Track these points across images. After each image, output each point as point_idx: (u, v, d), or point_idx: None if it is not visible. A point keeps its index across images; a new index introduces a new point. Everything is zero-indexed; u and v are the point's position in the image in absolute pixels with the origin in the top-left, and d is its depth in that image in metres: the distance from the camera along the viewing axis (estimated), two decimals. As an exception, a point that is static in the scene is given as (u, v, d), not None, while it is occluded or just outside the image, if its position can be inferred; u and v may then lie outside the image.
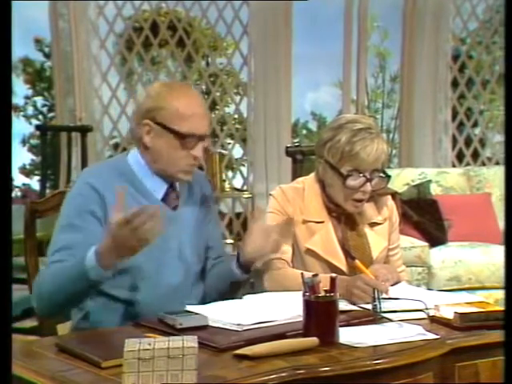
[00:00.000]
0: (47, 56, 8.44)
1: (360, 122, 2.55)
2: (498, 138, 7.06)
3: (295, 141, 7.61)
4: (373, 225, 2.66)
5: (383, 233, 2.67)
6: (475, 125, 7.09)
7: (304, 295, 1.96)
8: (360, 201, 2.56)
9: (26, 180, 8.44)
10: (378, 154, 2.52)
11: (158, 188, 2.37)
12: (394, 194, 2.80)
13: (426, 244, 4.92)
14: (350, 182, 2.52)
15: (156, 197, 2.36)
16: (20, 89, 8.46)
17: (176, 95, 2.32)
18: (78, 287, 2.12)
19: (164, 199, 2.38)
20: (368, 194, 2.56)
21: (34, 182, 8.14)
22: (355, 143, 2.51)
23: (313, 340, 1.89)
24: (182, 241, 2.38)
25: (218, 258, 2.53)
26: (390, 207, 2.72)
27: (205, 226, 2.50)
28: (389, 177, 2.57)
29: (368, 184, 2.53)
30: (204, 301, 2.37)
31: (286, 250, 2.57)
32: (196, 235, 2.44)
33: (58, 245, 2.25)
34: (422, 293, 2.44)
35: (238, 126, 7.03)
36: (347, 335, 1.95)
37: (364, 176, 2.52)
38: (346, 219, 2.62)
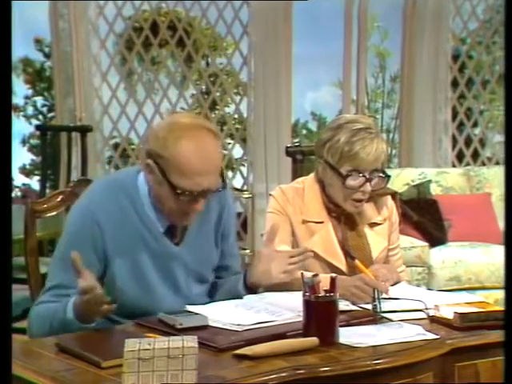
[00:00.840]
0: (47, 56, 8.43)
1: (359, 122, 2.55)
2: (498, 138, 7.05)
3: (295, 141, 7.60)
4: (373, 225, 2.66)
5: (383, 233, 2.67)
6: (475, 125, 7.09)
7: (304, 295, 1.96)
8: (360, 201, 2.56)
9: (26, 180, 8.43)
10: (378, 154, 2.52)
11: (162, 220, 2.26)
12: (393, 194, 2.80)
13: (426, 244, 4.92)
14: (350, 181, 2.52)
15: (159, 229, 2.26)
16: (20, 89, 8.45)
17: (182, 145, 2.11)
18: (66, 331, 2.09)
19: (168, 231, 2.28)
20: (368, 194, 2.56)
21: (34, 182, 8.13)
22: (354, 143, 2.51)
23: (313, 340, 1.89)
24: (183, 277, 2.30)
25: (234, 275, 2.48)
26: (390, 207, 2.72)
27: (218, 247, 2.41)
28: (388, 177, 2.57)
29: (367, 184, 2.53)
30: None
31: (286, 250, 2.57)
32: (201, 266, 2.36)
33: (52, 282, 2.22)
34: (422, 293, 2.45)
35: (238, 125, 7.02)
36: (347, 335, 1.95)
37: (363, 176, 2.52)
38: (345, 219, 2.62)
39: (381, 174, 2.56)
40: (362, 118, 2.63)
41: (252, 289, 2.33)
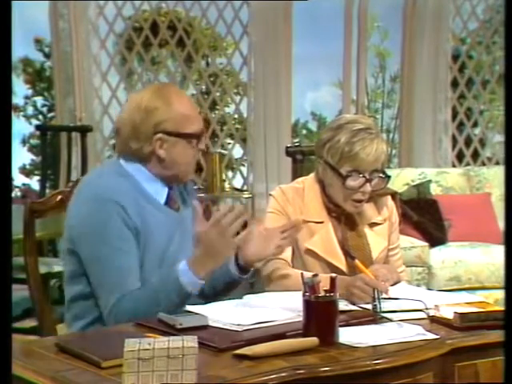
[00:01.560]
0: (47, 56, 8.43)
1: (359, 123, 2.55)
2: (498, 138, 7.05)
3: (295, 141, 7.61)
4: (373, 225, 2.66)
5: (383, 233, 2.67)
6: (475, 125, 7.09)
7: (304, 295, 1.96)
8: (359, 201, 2.56)
9: (26, 180, 8.44)
10: (378, 155, 2.52)
11: (160, 192, 2.38)
12: (393, 194, 2.80)
13: (426, 244, 4.92)
14: (350, 182, 2.52)
15: (159, 201, 2.37)
16: (20, 89, 8.45)
17: (174, 102, 2.33)
18: (176, 303, 2.17)
19: (166, 202, 2.40)
20: (368, 195, 2.56)
21: (34, 182, 8.13)
22: (354, 143, 2.50)
23: (313, 340, 1.89)
24: (187, 241, 2.39)
25: None
26: (390, 207, 2.72)
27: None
28: (388, 177, 2.57)
29: (368, 184, 2.53)
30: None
31: (287, 250, 2.56)
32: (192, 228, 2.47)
33: (121, 273, 2.23)
34: (422, 293, 2.44)
35: (238, 125, 7.02)
36: (347, 335, 1.95)
37: (364, 176, 2.52)
38: (345, 219, 2.62)
39: (381, 175, 2.56)
40: (362, 119, 2.63)
41: (244, 268, 2.38)
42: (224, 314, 2.09)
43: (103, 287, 2.25)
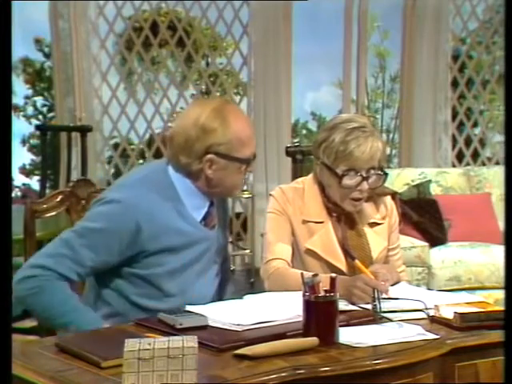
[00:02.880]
0: (47, 56, 8.43)
1: (354, 121, 2.55)
2: (498, 138, 7.05)
3: (295, 141, 7.60)
4: (372, 225, 2.65)
5: (383, 233, 2.67)
6: (475, 125, 7.09)
7: (304, 295, 1.96)
8: (358, 199, 2.56)
9: (26, 180, 8.43)
10: (373, 152, 2.51)
11: (199, 208, 2.38)
12: (393, 194, 2.80)
13: (426, 244, 4.92)
14: (346, 181, 2.52)
15: (195, 217, 2.37)
16: (20, 89, 8.44)
17: (232, 124, 2.31)
18: (67, 325, 2.21)
19: (204, 218, 2.40)
20: (366, 193, 2.56)
21: (34, 182, 8.13)
22: (349, 142, 2.50)
23: (313, 340, 1.89)
24: (216, 258, 2.45)
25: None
26: (390, 207, 2.72)
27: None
28: (386, 174, 2.57)
29: (364, 182, 2.52)
30: None
31: (287, 250, 2.57)
32: (224, 249, 2.55)
33: (60, 250, 2.25)
34: (422, 293, 2.44)
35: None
36: (347, 335, 1.95)
37: (360, 175, 2.52)
38: (345, 219, 2.62)
39: (378, 172, 2.56)
40: (357, 117, 2.63)
41: None
42: (224, 314, 2.08)
43: (49, 248, 2.29)
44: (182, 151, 2.31)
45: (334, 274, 2.02)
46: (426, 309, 2.18)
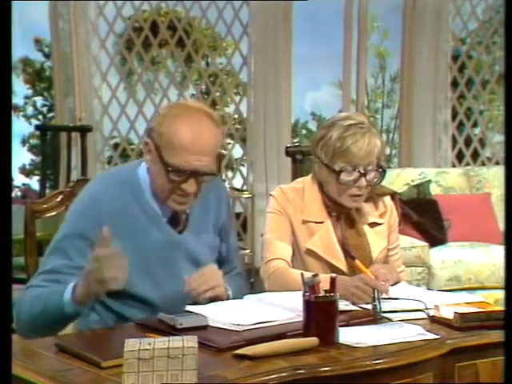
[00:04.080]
0: (47, 56, 8.43)
1: (351, 119, 2.56)
2: (498, 138, 7.05)
3: (295, 141, 7.61)
4: (372, 225, 2.66)
5: (383, 233, 2.67)
6: (475, 125, 7.09)
7: (304, 295, 1.96)
8: (356, 196, 2.56)
9: (26, 180, 8.43)
10: (370, 148, 2.51)
11: (164, 208, 2.29)
12: (393, 194, 2.80)
13: (426, 244, 4.92)
14: (344, 176, 2.53)
15: (162, 219, 2.28)
16: (20, 89, 8.45)
17: (177, 123, 2.18)
18: (56, 317, 2.13)
19: (171, 220, 2.30)
20: (364, 189, 2.55)
21: (34, 182, 8.13)
22: (346, 138, 2.51)
23: (313, 340, 1.89)
24: (186, 265, 2.30)
25: (231, 270, 2.49)
26: (390, 207, 2.72)
27: (218, 240, 2.44)
28: (384, 171, 2.56)
29: (362, 179, 2.53)
30: None
31: (287, 250, 2.57)
32: (205, 254, 2.36)
33: (43, 267, 2.23)
34: (422, 293, 2.44)
35: (237, 126, 7.02)
36: (347, 335, 1.95)
37: (358, 171, 2.52)
38: (345, 219, 2.62)
39: (376, 169, 2.55)
40: (355, 115, 2.64)
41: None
42: (224, 314, 2.08)
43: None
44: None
45: (333, 274, 2.02)
46: (426, 309, 2.18)
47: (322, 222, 2.59)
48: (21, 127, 8.39)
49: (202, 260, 2.33)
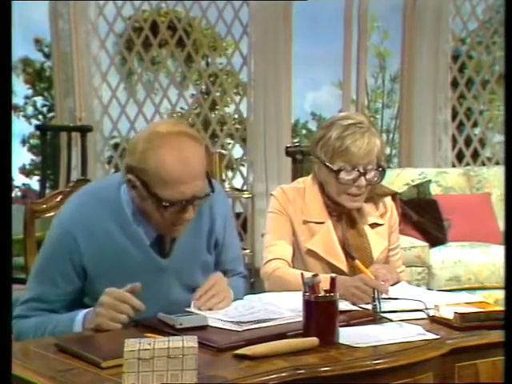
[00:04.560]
0: (47, 56, 8.43)
1: (350, 118, 2.56)
2: (498, 138, 7.05)
3: (295, 141, 7.61)
4: (373, 225, 2.66)
5: (383, 233, 2.67)
6: (475, 125, 7.09)
7: (304, 295, 1.96)
8: (356, 195, 2.56)
9: (26, 180, 8.43)
10: (370, 148, 2.52)
11: (148, 232, 2.19)
12: (393, 195, 2.80)
13: (426, 244, 4.92)
14: (343, 176, 2.53)
15: (145, 242, 2.18)
16: (20, 89, 8.45)
17: (162, 155, 2.04)
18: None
19: (155, 243, 2.20)
20: (364, 189, 2.55)
21: (34, 182, 8.13)
22: (345, 138, 2.51)
23: (313, 340, 1.89)
24: (174, 288, 2.24)
25: (237, 274, 2.44)
26: (390, 208, 2.72)
27: (212, 257, 2.34)
28: (384, 170, 2.56)
29: (362, 178, 2.53)
30: None
31: (287, 250, 2.57)
32: (196, 275, 2.27)
33: (27, 295, 2.19)
34: (422, 293, 2.44)
35: (237, 126, 7.02)
36: (347, 335, 1.95)
37: (357, 170, 2.52)
38: (346, 219, 2.62)
39: (376, 168, 2.55)
40: (354, 115, 2.64)
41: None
42: (224, 314, 2.08)
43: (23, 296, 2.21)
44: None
45: (334, 274, 2.02)
46: (426, 309, 2.18)
47: (322, 223, 2.59)
48: (21, 127, 8.39)
49: (194, 282, 2.25)
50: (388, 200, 2.74)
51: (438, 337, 1.98)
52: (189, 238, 2.25)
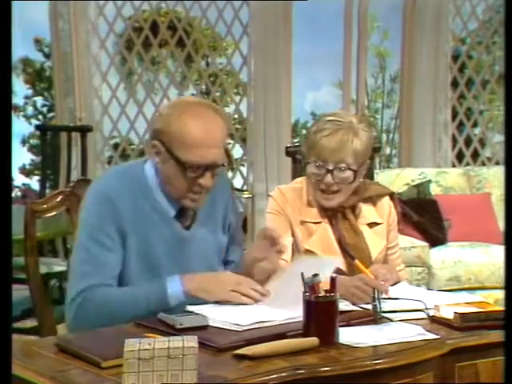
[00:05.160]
0: (47, 56, 8.42)
1: (334, 116, 2.57)
2: (498, 138, 7.05)
3: (295, 141, 7.60)
4: (371, 225, 2.66)
5: (381, 232, 2.67)
6: (475, 125, 7.08)
7: (304, 295, 1.96)
8: (326, 193, 2.55)
9: (26, 180, 8.41)
10: (341, 145, 2.50)
11: (172, 205, 2.30)
12: (391, 194, 2.80)
13: (426, 244, 4.92)
14: (310, 169, 2.55)
15: (169, 214, 2.30)
16: (20, 89, 8.42)
17: (185, 119, 2.19)
18: (149, 311, 2.13)
19: (178, 216, 2.31)
20: (335, 187, 2.54)
21: (34, 182, 8.11)
22: (319, 132, 2.53)
23: (313, 340, 1.89)
24: (194, 262, 2.31)
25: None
26: (388, 207, 2.72)
27: (225, 239, 2.44)
28: (355, 171, 2.54)
29: (329, 175, 2.52)
30: None
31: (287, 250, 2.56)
32: (212, 251, 2.39)
33: (86, 266, 2.19)
34: (422, 293, 2.44)
35: (237, 126, 7.02)
36: (347, 335, 1.95)
37: (324, 167, 2.51)
38: (342, 219, 2.62)
39: (346, 167, 2.52)
40: (343, 114, 2.64)
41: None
42: (224, 314, 2.08)
43: (75, 273, 2.22)
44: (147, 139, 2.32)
45: (334, 274, 2.02)
46: (426, 309, 2.18)
47: (319, 222, 2.59)
48: (21, 127, 8.37)
49: (210, 257, 2.36)
50: (386, 199, 2.74)
51: (438, 337, 1.99)
52: (207, 214, 2.36)
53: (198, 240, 2.34)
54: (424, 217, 5.12)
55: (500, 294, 4.45)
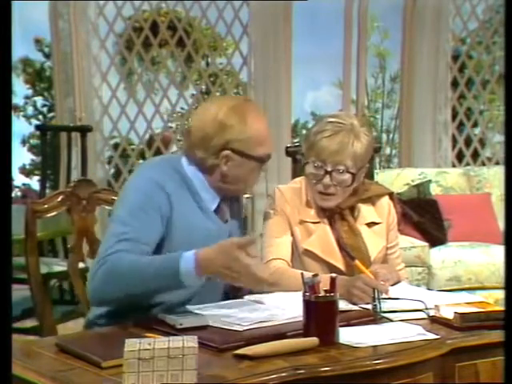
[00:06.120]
0: (47, 56, 8.42)
1: (336, 117, 2.57)
2: (498, 138, 7.05)
3: (295, 141, 7.60)
4: (370, 225, 2.66)
5: (381, 232, 2.67)
6: (475, 125, 7.08)
7: (304, 295, 1.96)
8: (324, 194, 2.55)
9: (26, 180, 8.41)
10: (340, 147, 2.50)
11: (212, 200, 2.40)
12: (391, 194, 2.79)
13: (426, 244, 4.92)
14: (308, 169, 2.55)
15: (210, 208, 2.39)
16: (20, 89, 8.42)
17: (251, 123, 2.36)
18: (160, 285, 2.14)
19: (216, 211, 2.41)
20: (333, 189, 2.53)
21: (34, 182, 8.11)
22: (320, 133, 2.53)
23: (313, 340, 1.89)
24: None
25: None
26: (387, 206, 2.72)
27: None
28: (353, 175, 2.54)
29: (327, 176, 2.52)
30: None
31: (286, 250, 2.57)
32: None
33: (126, 234, 2.20)
34: (422, 293, 2.44)
35: (238, 125, 7.01)
36: (347, 335, 1.95)
37: (324, 168, 2.51)
38: (341, 219, 2.62)
39: (345, 169, 2.52)
40: (345, 115, 2.63)
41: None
42: (224, 314, 2.09)
43: (107, 240, 2.22)
44: (199, 146, 2.35)
45: (334, 274, 2.03)
46: (426, 309, 2.18)
47: (318, 222, 2.59)
48: (21, 127, 8.36)
49: None
50: (385, 199, 2.74)
51: (438, 337, 1.99)
52: (237, 211, 2.54)
53: (232, 234, 2.42)
54: (424, 217, 5.12)
55: (500, 294, 4.45)
